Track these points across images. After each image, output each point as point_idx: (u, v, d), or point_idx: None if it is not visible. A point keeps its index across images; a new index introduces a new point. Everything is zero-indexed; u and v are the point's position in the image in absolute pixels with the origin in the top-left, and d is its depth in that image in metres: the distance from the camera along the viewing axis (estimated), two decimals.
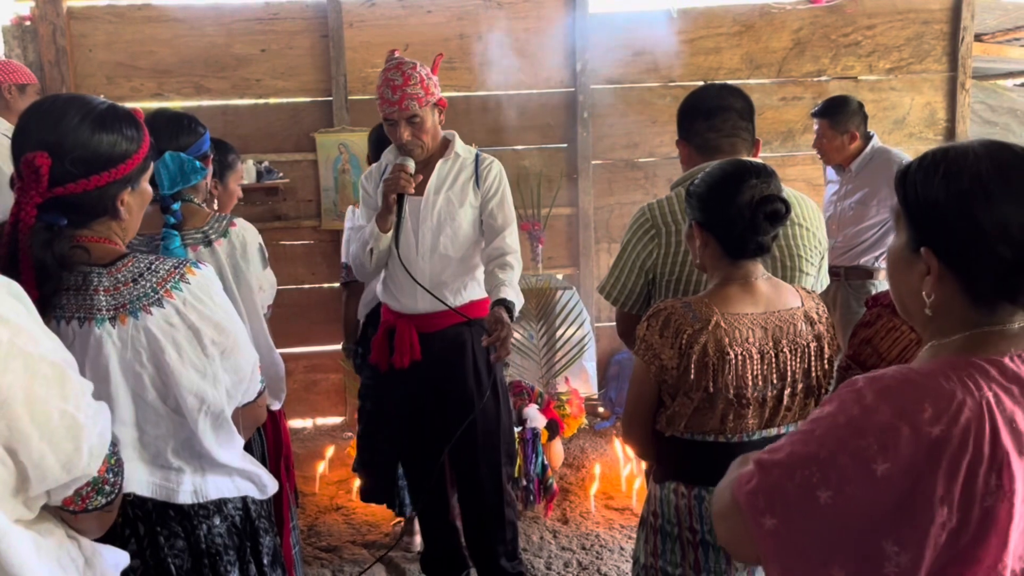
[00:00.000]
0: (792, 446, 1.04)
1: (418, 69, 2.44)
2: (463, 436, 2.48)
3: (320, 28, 4.39)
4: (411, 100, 2.40)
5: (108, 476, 1.15)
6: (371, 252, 2.51)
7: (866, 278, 3.72)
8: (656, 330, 1.71)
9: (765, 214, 1.67)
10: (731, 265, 1.75)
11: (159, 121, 1.92)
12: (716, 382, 1.67)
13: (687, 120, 2.24)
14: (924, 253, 1.06)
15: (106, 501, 1.15)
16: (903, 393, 1.00)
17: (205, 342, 1.40)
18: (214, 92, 4.41)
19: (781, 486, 1.02)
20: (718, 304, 1.71)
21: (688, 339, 1.67)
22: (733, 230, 1.71)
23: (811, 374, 1.76)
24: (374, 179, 2.64)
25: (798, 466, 1.02)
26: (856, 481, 0.97)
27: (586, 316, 4.38)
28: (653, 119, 4.66)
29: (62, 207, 1.32)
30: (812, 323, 1.77)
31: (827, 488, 0.98)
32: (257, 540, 1.60)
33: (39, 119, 1.33)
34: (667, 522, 1.80)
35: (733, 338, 1.67)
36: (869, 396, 1.01)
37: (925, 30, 4.76)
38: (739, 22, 4.65)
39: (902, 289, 1.13)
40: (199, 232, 1.94)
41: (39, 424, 0.99)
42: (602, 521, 3.55)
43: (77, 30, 4.27)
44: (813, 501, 0.99)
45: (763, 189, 1.69)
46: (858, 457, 0.97)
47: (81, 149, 1.31)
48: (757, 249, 1.73)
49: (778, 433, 1.77)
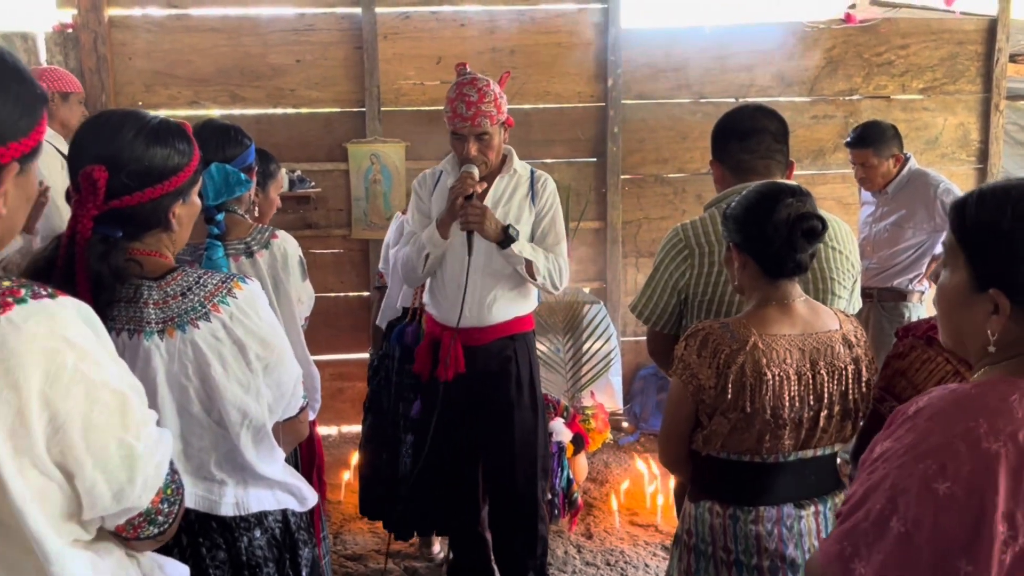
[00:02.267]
0: (860, 486, 1.05)
1: (492, 87, 2.46)
2: (499, 448, 2.49)
3: (354, 40, 4.44)
4: (484, 118, 2.42)
5: (162, 507, 1.13)
6: (426, 258, 2.52)
7: (899, 300, 3.70)
8: (694, 350, 1.72)
9: (802, 231, 1.68)
10: (769, 286, 1.76)
11: (206, 132, 1.95)
12: (753, 402, 1.68)
13: (721, 141, 2.24)
14: (993, 294, 1.05)
15: (158, 531, 1.14)
16: (956, 412, 1.01)
17: (250, 356, 1.42)
18: (249, 101, 4.47)
19: (858, 526, 1.03)
20: (756, 325, 1.72)
21: (726, 359, 1.68)
22: (770, 249, 1.72)
23: (848, 396, 1.76)
24: (427, 185, 2.65)
25: (868, 501, 1.03)
26: (923, 504, 0.98)
27: (613, 330, 4.37)
28: (683, 135, 4.67)
29: (118, 219, 1.34)
30: (850, 346, 1.77)
31: (897, 516, 0.99)
32: (296, 552, 1.62)
33: (95, 134, 1.37)
34: (701, 541, 1.80)
35: (771, 359, 1.68)
36: (922, 421, 1.02)
37: (959, 50, 4.73)
38: (772, 40, 4.65)
39: (963, 328, 1.12)
40: (241, 243, 1.97)
41: (94, 452, 0.99)
42: (627, 537, 3.54)
43: (117, 38, 4.34)
44: (888, 531, 1.00)
45: (799, 207, 1.70)
46: (921, 481, 0.98)
47: (136, 163, 1.34)
48: (795, 268, 1.73)
49: (814, 455, 1.78)
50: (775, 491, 1.76)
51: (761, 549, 1.74)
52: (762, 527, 1.74)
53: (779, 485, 1.76)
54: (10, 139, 0.95)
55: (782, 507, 1.75)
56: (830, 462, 1.84)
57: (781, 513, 1.75)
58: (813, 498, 1.78)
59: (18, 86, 0.97)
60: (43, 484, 0.96)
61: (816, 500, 1.78)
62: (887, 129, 3.66)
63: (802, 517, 1.75)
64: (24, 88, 0.97)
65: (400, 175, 4.47)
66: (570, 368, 4.25)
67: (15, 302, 0.93)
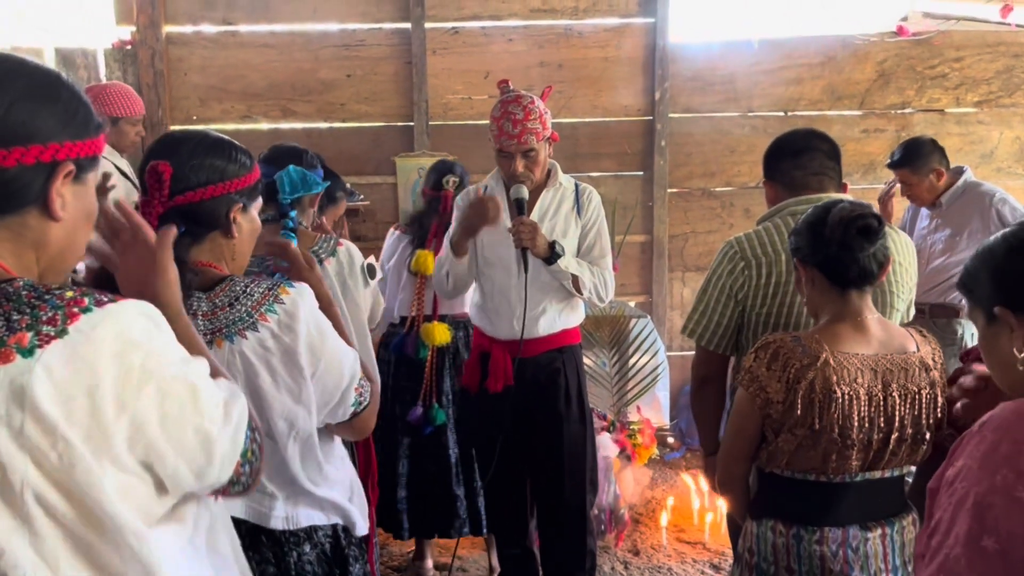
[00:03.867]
0: (942, 512, 1.03)
1: (536, 103, 2.48)
2: (549, 461, 2.48)
3: (404, 55, 4.49)
4: (530, 135, 2.44)
5: (244, 469, 1.13)
6: (447, 274, 2.56)
7: (952, 316, 3.61)
8: (764, 362, 1.69)
9: (857, 229, 1.65)
10: (839, 299, 1.73)
11: (279, 151, 2.02)
12: (821, 420, 1.64)
13: (773, 160, 2.23)
14: (999, 312, 1.11)
15: (242, 488, 1.15)
16: (1020, 419, 1.00)
17: (300, 364, 1.40)
18: (300, 115, 4.54)
19: (950, 555, 1.01)
20: (828, 341, 1.69)
21: (796, 374, 1.65)
22: (828, 252, 1.69)
23: (922, 421, 1.71)
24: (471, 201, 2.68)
25: (955, 524, 1.00)
26: (1010, 515, 0.96)
27: (660, 345, 4.34)
28: (731, 148, 4.63)
29: (181, 217, 1.38)
30: (927, 370, 1.73)
31: (988, 534, 0.97)
32: (347, 569, 1.59)
33: (159, 146, 1.44)
34: (763, 560, 1.77)
35: (841, 377, 1.65)
36: (990, 434, 1.02)
37: (1015, 63, 4.64)
38: (821, 53, 4.61)
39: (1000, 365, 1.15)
40: (309, 252, 2.00)
41: (173, 443, 1.01)
42: (674, 554, 3.50)
43: (174, 54, 4.45)
44: (982, 553, 0.97)
45: (855, 209, 1.68)
46: (1001, 491, 0.97)
47: (199, 161, 1.40)
48: (860, 274, 1.70)
49: (882, 476, 1.74)
50: (841, 512, 1.72)
51: (825, 571, 1.70)
52: (827, 548, 1.70)
53: (845, 505, 1.72)
54: (65, 138, 0.99)
55: (848, 528, 1.71)
56: (898, 484, 1.80)
57: (847, 534, 1.71)
58: (880, 520, 1.74)
59: (68, 94, 1.01)
60: (124, 480, 0.98)
61: (884, 522, 1.74)
62: (923, 145, 3.61)
63: (868, 539, 1.71)
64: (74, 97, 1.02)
65: None
66: (616, 382, 4.23)
67: (80, 312, 0.95)
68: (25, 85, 0.97)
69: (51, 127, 0.97)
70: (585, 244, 2.58)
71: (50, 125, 0.97)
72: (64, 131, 0.99)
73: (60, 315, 0.94)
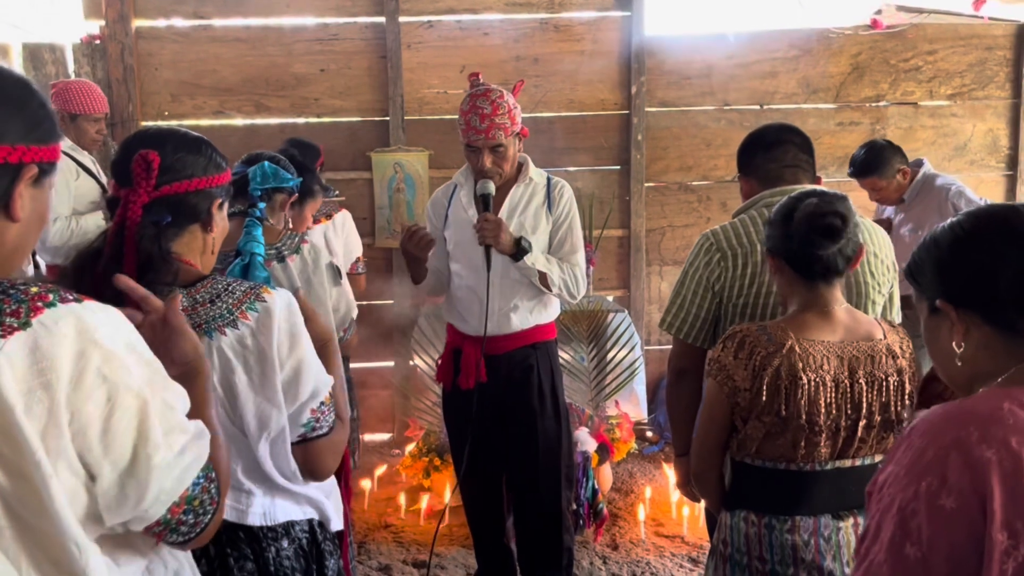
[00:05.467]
0: (871, 518, 1.03)
1: (505, 98, 2.46)
2: (523, 458, 2.47)
3: (378, 49, 4.45)
4: (498, 130, 2.42)
5: (186, 518, 1.08)
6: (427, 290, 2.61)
7: None
8: (731, 351, 1.71)
9: (820, 229, 1.66)
10: (807, 291, 1.74)
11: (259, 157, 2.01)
12: (788, 407, 1.66)
13: (747, 156, 2.25)
14: (940, 304, 1.11)
15: (183, 540, 1.11)
16: (947, 424, 0.99)
17: (274, 365, 1.39)
18: (273, 110, 4.49)
19: (876, 560, 1.00)
20: (794, 329, 1.70)
21: (761, 361, 1.67)
22: (792, 246, 1.71)
23: (890, 408, 1.72)
24: (441, 203, 2.66)
25: (881, 531, 0.99)
26: (933, 523, 0.95)
27: (637, 339, 4.34)
28: (708, 142, 4.63)
29: (165, 207, 1.38)
30: (895, 357, 1.74)
31: (911, 542, 0.96)
32: (323, 563, 1.59)
33: (141, 139, 1.42)
34: (736, 551, 1.78)
35: (807, 364, 1.66)
36: (917, 439, 1.00)
37: (988, 56, 4.67)
38: (796, 46, 4.62)
39: (940, 357, 1.15)
40: (273, 248, 1.98)
41: (112, 458, 0.99)
42: (652, 548, 3.50)
43: (144, 49, 4.38)
44: (904, 561, 0.96)
45: (821, 206, 1.68)
46: (925, 499, 0.95)
47: (184, 156, 1.40)
48: (826, 270, 1.71)
49: (852, 465, 1.74)
50: (812, 501, 1.73)
51: (797, 560, 1.70)
52: (798, 537, 1.71)
53: (816, 495, 1.73)
54: (30, 142, 1.01)
55: (820, 518, 1.72)
56: (870, 473, 1.80)
57: (819, 524, 1.72)
58: (853, 510, 1.75)
59: (36, 101, 1.04)
60: (73, 484, 0.97)
61: (856, 512, 1.75)
62: (884, 149, 3.65)
63: (840, 528, 1.72)
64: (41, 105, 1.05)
65: (423, 184, 4.47)
66: (594, 377, 4.23)
67: (45, 306, 0.95)
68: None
69: (18, 130, 0.99)
70: (556, 239, 2.56)
71: (18, 128, 0.99)
72: (30, 135, 1.01)
73: (24, 308, 0.94)
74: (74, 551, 0.96)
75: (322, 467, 1.51)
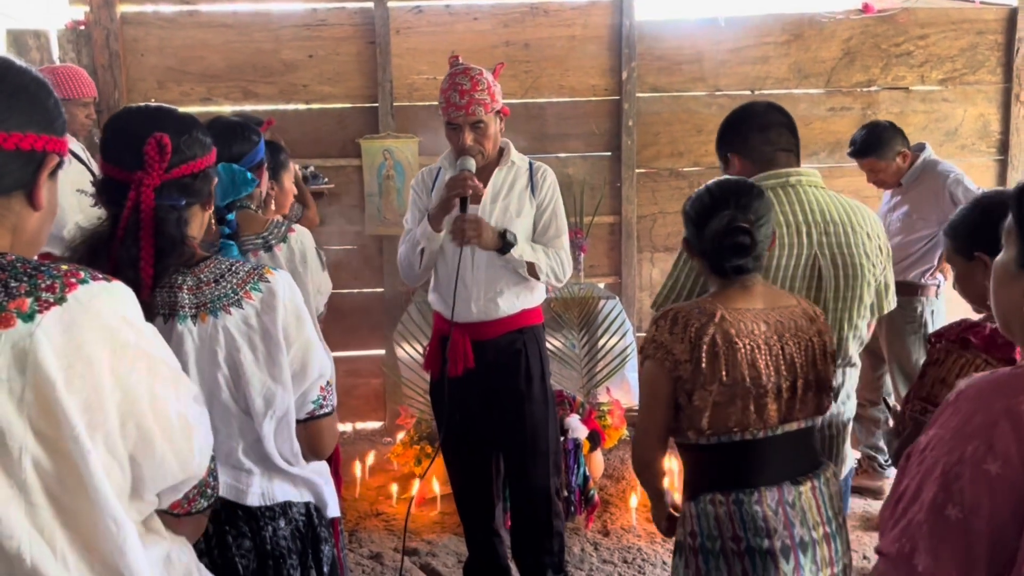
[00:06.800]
0: (911, 478, 1.03)
1: (485, 75, 2.45)
2: (512, 443, 2.47)
3: (367, 35, 4.42)
4: (478, 105, 2.41)
5: (210, 480, 1.19)
6: (422, 252, 2.51)
7: (912, 294, 3.59)
8: (665, 329, 1.77)
9: (728, 246, 1.74)
10: (725, 279, 1.82)
11: (214, 130, 1.94)
12: (729, 372, 1.71)
13: (739, 134, 2.25)
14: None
15: (207, 504, 1.20)
16: (997, 391, 1.00)
17: (280, 344, 1.42)
18: (261, 97, 4.45)
19: (913, 520, 1.01)
20: (721, 301, 1.78)
21: (696, 331, 1.72)
22: (705, 248, 1.79)
23: (817, 367, 1.81)
24: (426, 183, 2.64)
25: (922, 492, 1.00)
26: (976, 486, 0.96)
27: (628, 326, 4.33)
28: (699, 128, 4.61)
29: (176, 190, 1.38)
30: (811, 320, 1.84)
31: (953, 503, 0.97)
32: (318, 547, 1.62)
33: (138, 119, 1.40)
34: (707, 539, 1.79)
35: (739, 330, 1.73)
36: (964, 404, 1.01)
37: (979, 40, 4.66)
38: (787, 31, 4.59)
39: (1007, 307, 1.12)
40: (259, 238, 1.95)
41: (161, 424, 1.04)
42: (644, 535, 3.51)
43: (130, 35, 4.33)
44: (945, 521, 0.97)
45: (735, 219, 1.74)
46: (971, 463, 0.97)
47: (188, 136, 1.40)
48: (738, 271, 1.78)
49: (798, 428, 1.82)
50: (771, 469, 1.78)
51: (770, 530, 1.74)
52: (767, 507, 1.75)
53: (773, 462, 1.79)
54: (52, 133, 1.04)
55: (781, 486, 1.77)
56: (812, 435, 1.91)
57: (782, 492, 1.77)
58: (808, 474, 1.82)
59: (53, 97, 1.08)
60: (108, 462, 0.99)
61: (811, 476, 1.82)
62: (885, 130, 3.61)
63: (801, 493, 1.78)
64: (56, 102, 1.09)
65: (413, 170, 4.44)
66: (585, 364, 4.22)
67: (78, 283, 0.97)
68: (23, 81, 1.02)
69: (41, 122, 1.03)
70: (541, 224, 2.55)
71: (41, 120, 1.02)
72: (50, 127, 1.04)
73: (59, 283, 0.96)
74: (112, 527, 0.97)
75: (325, 445, 1.57)
